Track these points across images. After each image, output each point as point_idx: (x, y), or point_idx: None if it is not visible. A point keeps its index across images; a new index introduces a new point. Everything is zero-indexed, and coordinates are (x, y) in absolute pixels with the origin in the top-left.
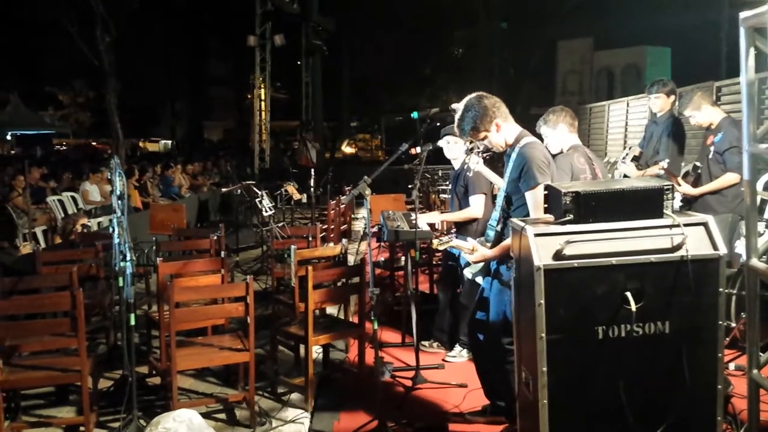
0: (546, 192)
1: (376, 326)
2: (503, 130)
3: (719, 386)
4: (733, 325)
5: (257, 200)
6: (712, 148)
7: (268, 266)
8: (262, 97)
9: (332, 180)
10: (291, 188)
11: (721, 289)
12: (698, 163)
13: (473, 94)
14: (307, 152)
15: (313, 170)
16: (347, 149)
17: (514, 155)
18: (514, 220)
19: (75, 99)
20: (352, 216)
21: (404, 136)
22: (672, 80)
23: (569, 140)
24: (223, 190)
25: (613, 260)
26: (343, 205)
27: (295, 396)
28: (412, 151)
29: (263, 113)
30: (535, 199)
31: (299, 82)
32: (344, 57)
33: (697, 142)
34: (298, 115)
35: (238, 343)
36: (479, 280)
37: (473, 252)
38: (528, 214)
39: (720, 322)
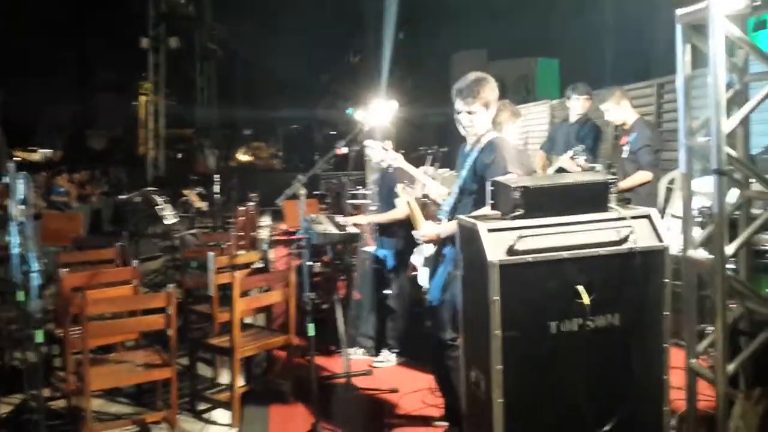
0: (493, 188)
1: (312, 332)
2: (489, 116)
3: (665, 377)
4: None
5: (158, 208)
6: (626, 147)
7: (174, 276)
8: (156, 103)
9: (237, 187)
10: (193, 196)
11: (666, 280)
12: (611, 163)
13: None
14: (203, 159)
15: (218, 177)
16: (243, 157)
17: (484, 142)
18: (462, 216)
19: None
20: (257, 224)
21: (302, 145)
22: (562, 90)
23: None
24: (121, 198)
25: (565, 254)
26: (252, 212)
27: (218, 413)
28: (338, 151)
29: (158, 118)
30: None
31: (193, 88)
32: (238, 63)
33: (605, 145)
34: (191, 122)
35: (156, 358)
36: (425, 273)
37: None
38: (475, 208)
39: (666, 313)
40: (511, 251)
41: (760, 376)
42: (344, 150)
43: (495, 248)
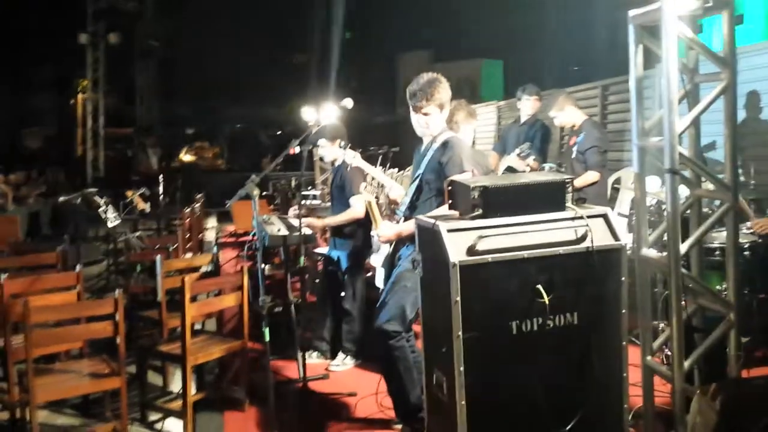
0: (450, 188)
1: (268, 337)
2: (443, 117)
3: (624, 374)
4: None
5: (101, 210)
6: (575, 149)
7: (118, 281)
8: (95, 101)
9: (182, 187)
10: (136, 197)
11: (623, 278)
12: (561, 163)
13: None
14: (147, 159)
15: (162, 178)
16: (186, 157)
17: (439, 141)
18: (421, 217)
19: None
20: (203, 226)
21: (247, 145)
22: (505, 91)
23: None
24: (61, 199)
25: (525, 254)
26: (198, 214)
27: (169, 422)
28: (291, 151)
29: (98, 117)
30: None
31: (133, 86)
32: (180, 61)
33: (552, 146)
34: (131, 121)
35: (104, 367)
36: (381, 273)
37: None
38: (438, 206)
39: (623, 311)
40: (471, 251)
41: (712, 371)
42: (297, 150)
43: (455, 249)
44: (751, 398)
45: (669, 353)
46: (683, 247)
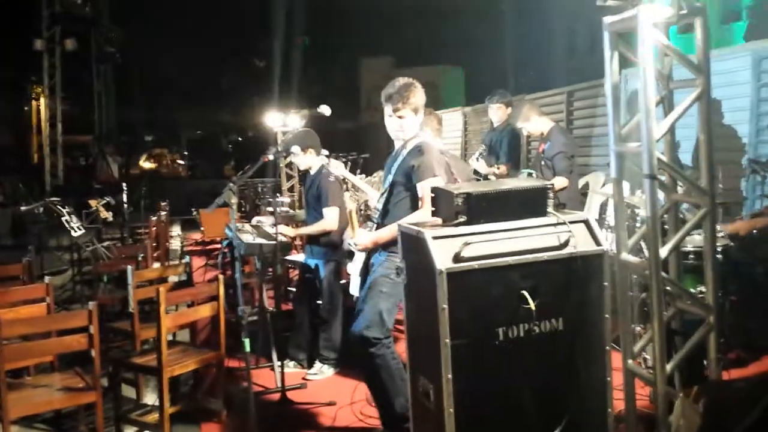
0: (433, 195)
1: (248, 348)
2: (417, 121)
3: (608, 378)
4: None
5: (64, 219)
6: (543, 155)
7: (84, 292)
8: (53, 108)
9: (145, 195)
10: (99, 206)
11: (605, 283)
12: (532, 171)
13: (411, 79)
14: (107, 167)
15: (125, 186)
16: (146, 164)
17: (410, 146)
18: (403, 224)
19: None
20: (169, 235)
21: (208, 152)
22: (467, 97)
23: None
24: (23, 208)
25: (510, 260)
26: (164, 222)
27: None
28: (264, 158)
29: (56, 124)
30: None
31: (90, 93)
32: (137, 67)
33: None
34: (87, 128)
35: (78, 380)
36: (357, 281)
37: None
38: (410, 209)
39: (606, 316)
40: (457, 258)
41: (692, 374)
42: (271, 157)
43: (441, 256)
44: (733, 400)
45: (647, 357)
46: (663, 252)
